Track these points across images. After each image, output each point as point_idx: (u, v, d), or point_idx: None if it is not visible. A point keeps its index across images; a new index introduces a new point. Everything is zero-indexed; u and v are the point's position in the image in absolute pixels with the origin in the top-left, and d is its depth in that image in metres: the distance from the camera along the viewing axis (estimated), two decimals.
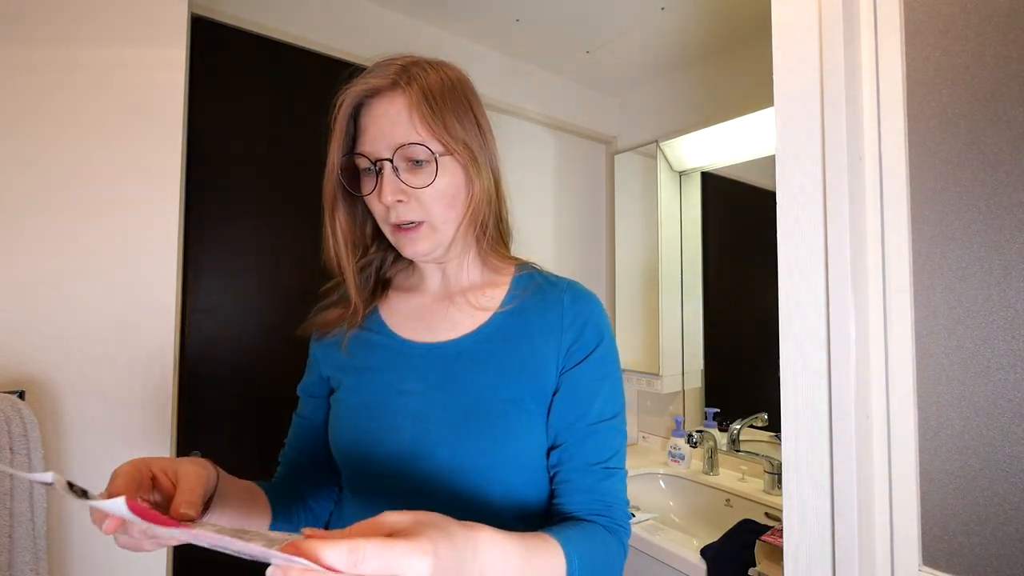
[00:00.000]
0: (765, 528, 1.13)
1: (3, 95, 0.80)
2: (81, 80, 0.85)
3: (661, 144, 1.75)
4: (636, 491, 1.54)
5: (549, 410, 0.59)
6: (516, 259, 0.67)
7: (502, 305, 0.62)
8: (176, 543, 0.37)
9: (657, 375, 1.71)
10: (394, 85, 0.55)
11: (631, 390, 1.87)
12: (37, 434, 0.73)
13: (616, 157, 1.94)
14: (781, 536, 0.78)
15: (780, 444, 0.70)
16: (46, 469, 0.73)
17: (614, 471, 0.59)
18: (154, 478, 0.43)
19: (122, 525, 0.36)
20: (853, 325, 0.63)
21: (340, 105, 0.58)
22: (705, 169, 1.75)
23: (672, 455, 1.63)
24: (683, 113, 1.77)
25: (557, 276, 0.66)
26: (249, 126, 1.22)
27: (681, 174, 1.80)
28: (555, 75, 1.84)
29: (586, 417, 0.58)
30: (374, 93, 0.56)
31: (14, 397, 0.74)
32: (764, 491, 1.39)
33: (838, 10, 0.65)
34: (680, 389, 1.75)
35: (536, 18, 1.49)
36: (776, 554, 1.00)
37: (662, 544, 1.13)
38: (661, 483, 1.59)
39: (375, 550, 0.29)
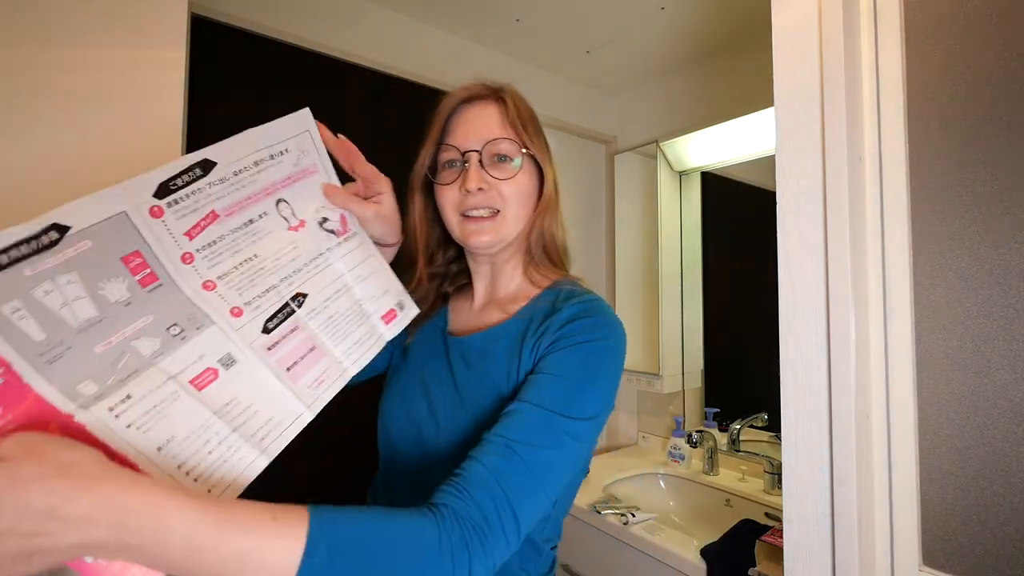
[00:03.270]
0: (765, 528, 1.13)
1: (1, 96, 0.80)
2: (80, 80, 0.85)
3: (661, 144, 1.74)
4: (636, 491, 1.53)
5: None
6: (558, 275, 0.68)
7: (518, 313, 0.65)
8: None
9: (657, 375, 1.71)
10: (491, 94, 0.66)
11: (631, 390, 1.86)
12: None
13: (616, 157, 1.94)
14: (781, 536, 0.78)
15: (780, 444, 0.70)
16: None
17: (509, 452, 0.49)
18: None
19: None
20: (853, 325, 0.63)
21: (441, 106, 0.66)
22: (705, 169, 1.75)
23: (672, 455, 1.63)
24: (683, 113, 1.76)
25: (584, 291, 0.63)
26: (249, 126, 1.22)
27: (681, 174, 1.80)
28: (555, 75, 1.84)
29: (525, 395, 0.54)
30: (473, 99, 0.66)
31: None
32: (764, 491, 1.39)
33: (838, 10, 0.65)
34: (680, 389, 1.75)
35: (536, 18, 1.49)
36: (776, 554, 1.00)
37: (662, 544, 1.13)
38: (661, 483, 1.59)
39: None
